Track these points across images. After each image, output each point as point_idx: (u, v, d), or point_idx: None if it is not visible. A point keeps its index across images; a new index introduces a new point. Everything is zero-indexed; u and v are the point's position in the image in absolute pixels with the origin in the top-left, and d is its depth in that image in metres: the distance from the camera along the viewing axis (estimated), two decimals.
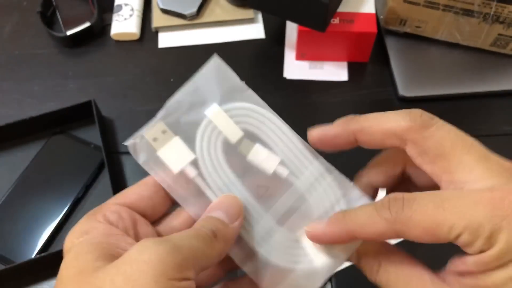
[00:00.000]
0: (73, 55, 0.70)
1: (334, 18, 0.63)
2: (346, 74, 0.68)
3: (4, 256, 0.54)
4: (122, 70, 0.69)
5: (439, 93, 0.65)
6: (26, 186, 0.58)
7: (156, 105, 0.70)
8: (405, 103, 0.65)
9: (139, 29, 0.71)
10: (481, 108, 0.65)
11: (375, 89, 0.66)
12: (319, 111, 0.65)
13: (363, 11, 0.63)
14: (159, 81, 0.68)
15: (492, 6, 0.60)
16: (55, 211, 0.56)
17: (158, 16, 0.72)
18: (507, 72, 0.66)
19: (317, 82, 0.67)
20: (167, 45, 0.71)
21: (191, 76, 0.71)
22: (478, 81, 0.66)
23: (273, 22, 0.73)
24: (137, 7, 0.72)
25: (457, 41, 0.66)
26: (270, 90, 0.67)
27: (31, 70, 0.69)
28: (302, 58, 0.69)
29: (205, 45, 0.71)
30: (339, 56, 0.68)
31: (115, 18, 0.71)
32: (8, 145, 0.62)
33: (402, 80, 0.65)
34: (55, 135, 0.62)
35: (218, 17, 0.72)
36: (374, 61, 0.69)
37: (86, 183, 0.58)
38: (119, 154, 0.62)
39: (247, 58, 0.70)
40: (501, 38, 0.64)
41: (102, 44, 0.71)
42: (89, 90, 0.67)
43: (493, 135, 0.62)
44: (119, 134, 0.63)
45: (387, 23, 0.68)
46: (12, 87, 0.67)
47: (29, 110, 0.65)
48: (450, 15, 0.63)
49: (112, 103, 0.66)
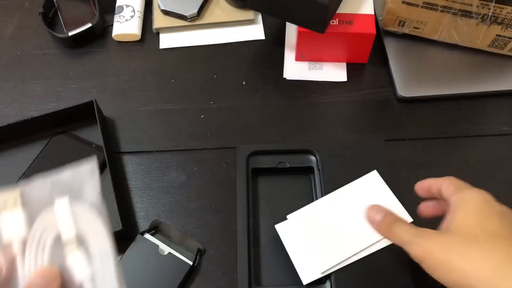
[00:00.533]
0: (75, 55, 0.71)
1: (334, 19, 0.63)
2: (345, 75, 0.68)
3: None
4: (123, 71, 0.69)
5: (437, 94, 0.65)
6: None
7: (157, 106, 0.71)
8: (403, 103, 0.65)
9: (140, 30, 0.72)
10: (479, 109, 0.65)
11: (374, 90, 0.67)
12: (319, 111, 0.65)
13: (362, 12, 0.64)
14: (160, 81, 0.68)
15: (490, 7, 0.60)
16: None
17: (159, 17, 0.72)
18: (505, 72, 0.67)
19: (317, 82, 0.68)
20: (168, 46, 0.71)
21: (191, 76, 0.72)
22: (476, 81, 0.66)
23: (273, 23, 0.73)
24: (138, 8, 0.72)
25: (456, 42, 0.67)
26: (270, 90, 0.67)
27: (33, 70, 0.69)
28: (302, 59, 0.69)
29: (205, 46, 0.71)
30: (339, 57, 0.68)
31: (116, 19, 0.71)
32: (10, 145, 0.62)
33: (401, 80, 0.66)
34: (56, 135, 0.62)
35: (219, 18, 0.73)
36: (373, 62, 0.69)
37: None
38: (120, 154, 0.62)
39: (247, 59, 0.70)
40: (499, 39, 0.64)
41: (104, 45, 0.72)
42: (91, 91, 0.67)
43: (491, 135, 0.63)
44: (120, 134, 0.64)
45: (386, 24, 0.68)
46: (14, 87, 0.68)
47: (31, 110, 0.65)
48: (449, 16, 0.63)
49: (114, 103, 0.66)
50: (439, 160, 0.61)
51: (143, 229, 0.57)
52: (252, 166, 0.57)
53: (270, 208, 0.56)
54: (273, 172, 0.58)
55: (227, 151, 0.62)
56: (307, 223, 0.52)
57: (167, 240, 0.55)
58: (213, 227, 0.57)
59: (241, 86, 0.68)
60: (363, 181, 0.55)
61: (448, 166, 0.60)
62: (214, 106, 0.66)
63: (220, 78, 0.68)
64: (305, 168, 0.58)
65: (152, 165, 0.61)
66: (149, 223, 0.57)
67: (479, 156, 0.61)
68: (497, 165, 0.60)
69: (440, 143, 0.62)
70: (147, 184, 0.60)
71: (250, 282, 0.50)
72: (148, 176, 0.60)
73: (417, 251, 0.40)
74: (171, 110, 0.65)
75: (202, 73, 0.69)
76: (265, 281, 0.52)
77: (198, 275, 0.54)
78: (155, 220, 0.57)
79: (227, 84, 0.68)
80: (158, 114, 0.65)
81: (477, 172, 0.60)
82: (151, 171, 0.61)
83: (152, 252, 0.53)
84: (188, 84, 0.68)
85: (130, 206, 0.58)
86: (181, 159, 0.62)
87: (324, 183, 0.55)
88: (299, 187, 0.58)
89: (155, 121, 0.65)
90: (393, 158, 0.61)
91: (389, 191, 0.54)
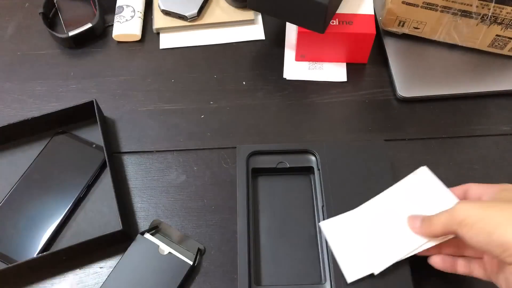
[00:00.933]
0: (75, 56, 0.71)
1: (333, 20, 0.64)
2: (345, 75, 0.68)
3: (6, 255, 0.54)
4: (124, 71, 0.69)
5: (437, 94, 0.65)
6: (28, 185, 0.59)
7: (157, 106, 0.71)
8: (403, 103, 0.65)
9: (140, 30, 0.72)
10: (479, 109, 0.65)
11: (374, 90, 0.67)
12: (318, 111, 0.65)
13: (362, 13, 0.64)
14: (160, 81, 0.68)
15: (490, 7, 0.60)
16: (57, 210, 0.57)
17: (159, 18, 0.72)
18: (505, 72, 0.67)
19: (317, 82, 0.68)
20: (168, 46, 0.72)
21: (191, 76, 0.72)
22: (476, 81, 0.66)
23: (273, 24, 0.73)
24: (138, 8, 0.72)
25: (455, 42, 0.67)
26: (270, 90, 0.67)
27: (33, 70, 0.70)
28: (302, 59, 0.69)
29: (205, 46, 0.71)
30: (338, 57, 0.68)
31: (116, 19, 0.71)
32: (10, 145, 0.62)
33: (401, 80, 0.66)
34: (57, 135, 0.62)
35: (219, 19, 0.73)
36: (373, 62, 0.69)
37: (88, 183, 0.59)
38: (120, 154, 0.62)
39: (247, 59, 0.70)
40: (499, 39, 0.64)
41: (104, 45, 0.72)
42: (91, 91, 0.67)
43: (491, 135, 0.63)
44: (120, 134, 0.64)
45: (385, 25, 0.69)
46: (14, 87, 0.68)
47: (31, 110, 0.66)
48: (448, 16, 0.63)
49: (114, 103, 0.66)
50: (439, 160, 0.61)
51: (143, 229, 0.57)
52: (252, 166, 0.57)
53: (270, 208, 0.56)
54: (273, 172, 0.58)
55: (227, 151, 0.62)
56: (355, 224, 0.52)
57: (167, 240, 0.55)
58: (213, 227, 0.57)
59: (241, 86, 0.68)
60: (413, 177, 0.53)
61: (448, 166, 0.60)
62: (214, 106, 0.66)
63: (220, 78, 0.68)
64: (305, 168, 0.58)
65: (152, 165, 0.61)
66: (149, 223, 0.57)
67: (479, 156, 0.61)
68: (497, 165, 0.60)
69: (440, 143, 0.62)
70: (147, 184, 0.60)
71: (250, 282, 0.50)
72: (148, 176, 0.61)
73: (455, 214, 0.42)
74: (171, 110, 0.66)
75: (202, 73, 0.69)
76: (265, 281, 0.52)
77: (198, 275, 0.54)
78: (155, 220, 0.57)
79: (227, 84, 0.68)
80: (158, 114, 0.65)
81: (477, 172, 0.60)
82: (151, 171, 0.61)
83: (152, 252, 0.54)
84: (188, 84, 0.68)
85: (130, 206, 0.59)
86: (181, 159, 0.62)
87: (324, 183, 0.55)
88: (299, 187, 0.58)
89: (155, 121, 0.65)
90: (393, 158, 0.61)
91: (441, 185, 0.51)
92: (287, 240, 0.54)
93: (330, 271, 0.51)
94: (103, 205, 0.58)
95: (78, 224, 0.57)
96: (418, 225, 0.47)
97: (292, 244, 0.54)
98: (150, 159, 0.62)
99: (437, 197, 0.50)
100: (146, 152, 0.62)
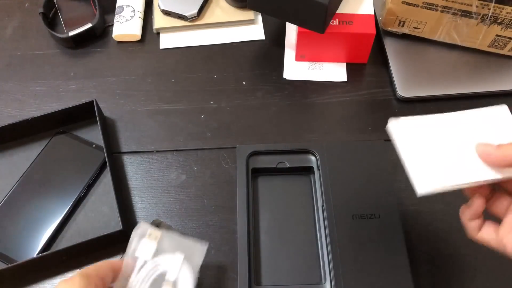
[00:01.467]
0: (75, 56, 0.71)
1: (333, 20, 0.64)
2: (345, 75, 0.68)
3: (6, 255, 0.54)
4: (124, 71, 0.69)
5: (437, 94, 0.65)
6: (28, 185, 0.59)
7: (157, 106, 0.71)
8: (403, 103, 0.65)
9: (140, 30, 0.72)
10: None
11: (374, 90, 0.67)
12: (318, 111, 0.65)
13: (362, 13, 0.64)
14: (160, 81, 0.68)
15: (490, 7, 0.60)
16: (57, 210, 0.57)
17: (159, 18, 0.72)
18: (505, 72, 0.67)
19: (317, 82, 0.68)
20: (168, 46, 0.72)
21: (191, 76, 0.72)
22: (476, 81, 0.66)
23: (273, 24, 0.73)
24: (138, 8, 0.72)
25: (455, 42, 0.67)
26: (270, 90, 0.67)
27: (33, 70, 0.70)
28: (302, 59, 0.69)
29: (205, 46, 0.71)
30: (338, 57, 0.68)
31: (116, 19, 0.72)
32: (10, 145, 0.62)
33: (401, 80, 0.66)
34: (57, 135, 0.62)
35: (219, 19, 0.73)
36: (373, 62, 0.69)
37: (88, 183, 0.59)
38: (120, 154, 0.62)
39: (247, 59, 0.70)
40: (499, 39, 0.64)
41: (104, 45, 0.72)
42: (91, 91, 0.67)
43: None
44: (120, 134, 0.64)
45: (385, 25, 0.69)
46: (14, 87, 0.68)
47: (31, 111, 0.66)
48: (448, 16, 0.63)
49: (114, 103, 0.66)
50: None
51: None
52: (252, 166, 0.57)
53: (270, 208, 0.56)
54: (273, 172, 0.58)
55: (227, 151, 0.62)
56: (428, 131, 0.46)
57: None
58: (213, 227, 0.57)
59: (241, 86, 0.68)
60: (488, 111, 0.47)
61: None
62: (214, 106, 0.66)
63: (220, 78, 0.68)
64: (305, 168, 0.58)
65: (152, 165, 0.61)
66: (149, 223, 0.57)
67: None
68: None
69: None
70: (147, 184, 0.60)
71: (250, 282, 0.50)
72: (148, 176, 0.61)
73: None
74: (171, 110, 0.66)
75: (202, 73, 0.69)
76: (265, 281, 0.52)
77: (198, 275, 0.54)
78: (155, 220, 0.57)
79: (227, 84, 0.68)
80: (158, 114, 0.65)
81: None
82: (151, 171, 0.61)
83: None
84: (188, 84, 0.68)
85: (130, 206, 0.59)
86: (181, 159, 0.62)
87: (324, 183, 0.55)
88: (299, 187, 0.58)
89: (155, 121, 0.65)
90: (393, 158, 0.61)
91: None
92: (287, 240, 0.54)
93: (330, 271, 0.51)
94: (103, 205, 0.58)
95: (78, 224, 0.57)
96: (492, 151, 0.42)
97: (292, 244, 0.54)
98: (150, 159, 0.62)
99: (509, 138, 0.44)
100: (146, 152, 0.62)
